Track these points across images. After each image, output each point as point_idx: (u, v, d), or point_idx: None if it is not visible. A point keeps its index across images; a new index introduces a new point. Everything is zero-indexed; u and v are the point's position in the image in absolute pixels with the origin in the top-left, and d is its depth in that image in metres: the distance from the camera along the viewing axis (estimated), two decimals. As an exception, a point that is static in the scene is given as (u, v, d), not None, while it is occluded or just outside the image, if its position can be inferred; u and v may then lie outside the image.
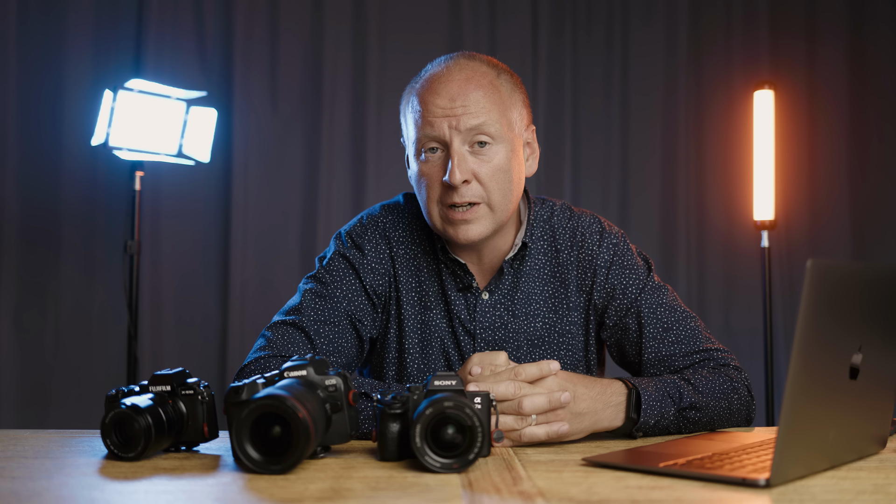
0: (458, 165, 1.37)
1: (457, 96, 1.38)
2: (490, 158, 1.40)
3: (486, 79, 1.42)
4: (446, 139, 1.38)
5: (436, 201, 1.42)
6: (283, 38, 3.48)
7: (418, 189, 1.45)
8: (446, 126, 1.38)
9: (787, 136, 3.49)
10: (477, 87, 1.40)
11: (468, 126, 1.38)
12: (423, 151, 1.41)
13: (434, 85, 1.41)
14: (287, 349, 1.42)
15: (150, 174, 3.09)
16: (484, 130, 1.39)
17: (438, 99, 1.39)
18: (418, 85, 1.44)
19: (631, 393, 1.30)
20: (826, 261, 0.91)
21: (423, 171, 1.42)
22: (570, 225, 1.55)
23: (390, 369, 1.54)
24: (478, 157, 1.40)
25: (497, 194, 1.41)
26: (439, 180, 1.40)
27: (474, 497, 0.90)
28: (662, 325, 1.48)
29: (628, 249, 1.54)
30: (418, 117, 1.41)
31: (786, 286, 3.66)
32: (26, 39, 3.30)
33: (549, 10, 3.63)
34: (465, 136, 1.38)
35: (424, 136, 1.40)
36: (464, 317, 1.51)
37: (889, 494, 0.92)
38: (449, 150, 1.39)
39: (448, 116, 1.38)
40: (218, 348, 3.42)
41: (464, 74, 1.41)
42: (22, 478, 0.99)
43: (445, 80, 1.41)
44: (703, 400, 1.35)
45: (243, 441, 1.00)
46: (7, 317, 3.28)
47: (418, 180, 1.44)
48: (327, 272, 1.50)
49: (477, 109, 1.38)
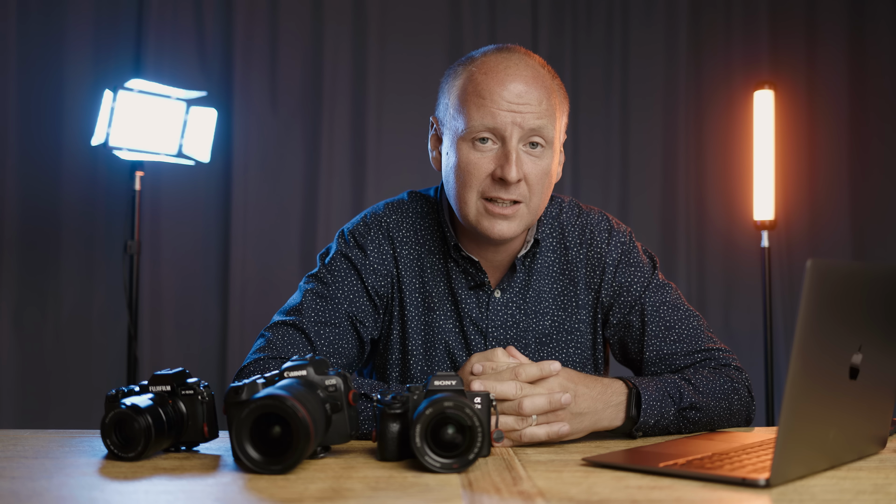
0: (517, 163, 1.35)
1: (524, 93, 1.36)
2: (541, 161, 1.39)
3: (547, 81, 1.40)
4: (506, 134, 1.36)
5: (476, 192, 1.38)
6: (283, 38, 3.48)
7: (456, 176, 1.40)
8: (510, 121, 1.35)
9: (787, 136, 3.48)
10: (542, 88, 1.38)
11: (531, 126, 1.36)
12: (474, 140, 1.38)
13: (499, 74, 1.36)
14: (286, 350, 1.41)
15: (150, 174, 3.09)
16: (542, 133, 1.37)
17: (505, 91, 1.35)
18: (475, 68, 1.39)
19: (631, 392, 1.30)
20: (826, 261, 0.91)
21: (469, 160, 1.38)
22: (580, 222, 1.54)
23: (394, 371, 1.53)
24: (530, 158, 1.38)
25: (537, 197, 1.40)
26: (488, 172, 1.37)
27: (474, 497, 0.90)
28: (665, 323, 1.48)
29: (634, 247, 1.54)
30: (480, 103, 1.36)
31: (786, 286, 3.66)
32: (26, 39, 3.30)
33: (549, 10, 3.63)
34: (524, 135, 1.36)
35: (482, 126, 1.36)
36: (476, 315, 1.50)
37: (889, 494, 0.92)
38: (505, 145, 1.36)
39: (513, 112, 1.35)
40: (218, 348, 3.42)
41: (530, 72, 1.38)
42: (22, 478, 0.99)
43: (513, 73, 1.37)
44: (703, 400, 1.35)
45: (243, 441, 1.00)
46: (7, 317, 3.28)
47: (460, 168, 1.39)
48: (329, 272, 1.49)
49: (540, 111, 1.36)
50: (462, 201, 1.40)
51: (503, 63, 1.38)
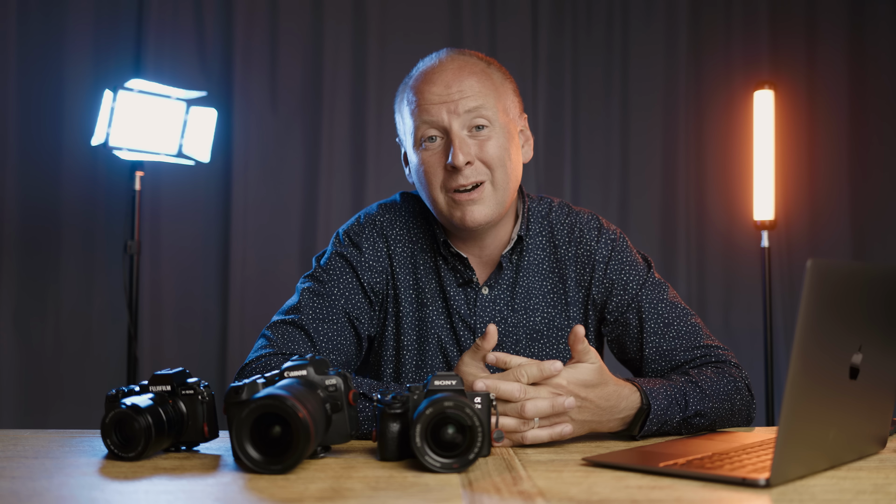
0: (461, 148, 1.40)
1: (452, 83, 1.42)
2: (491, 141, 1.43)
3: (478, 67, 1.46)
4: (445, 125, 1.41)
5: (440, 188, 1.44)
6: (283, 38, 3.48)
7: (420, 180, 1.46)
8: (444, 112, 1.41)
9: (787, 136, 3.49)
10: (470, 73, 1.44)
11: (466, 108, 1.41)
12: (422, 141, 1.44)
13: (428, 76, 1.45)
14: (288, 347, 1.42)
15: (150, 174, 3.09)
16: (481, 114, 1.42)
17: (434, 87, 1.43)
18: (411, 80, 1.48)
19: (641, 409, 1.27)
20: (826, 261, 0.91)
21: (424, 160, 1.44)
22: (569, 221, 1.56)
23: (388, 367, 1.55)
24: (477, 140, 1.42)
25: (500, 173, 1.43)
26: (442, 166, 1.42)
27: (474, 497, 0.90)
28: (663, 320, 1.48)
29: (626, 247, 1.56)
30: (415, 108, 1.44)
31: (786, 286, 3.66)
32: (26, 39, 3.30)
33: (549, 11, 3.63)
34: (463, 120, 1.41)
35: (423, 124, 1.43)
36: (464, 312, 1.51)
37: (889, 494, 0.92)
38: (449, 136, 1.41)
39: (445, 102, 1.41)
40: (218, 348, 3.42)
41: (456, 64, 1.45)
42: (22, 478, 0.99)
43: (439, 70, 1.45)
44: (708, 405, 1.34)
45: (243, 441, 1.00)
46: (7, 317, 3.28)
47: (420, 171, 1.46)
48: (325, 271, 1.51)
49: (473, 93, 1.42)
50: (432, 201, 1.46)
51: (431, 66, 1.47)
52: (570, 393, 1.19)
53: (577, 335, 1.21)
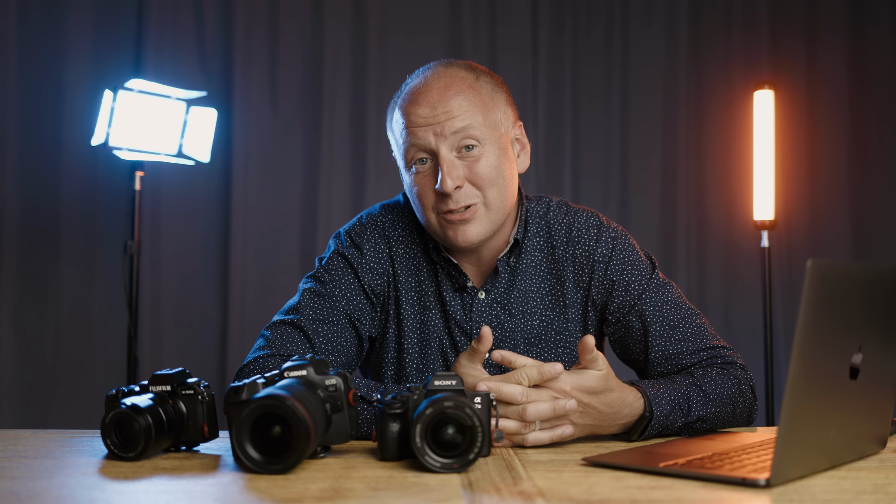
0: (449, 173, 1.37)
1: (437, 104, 1.39)
2: (479, 160, 1.40)
3: (465, 83, 1.42)
4: (433, 147, 1.39)
5: (432, 210, 1.42)
6: (283, 38, 3.48)
7: (413, 200, 1.46)
8: (431, 135, 1.39)
9: (787, 136, 3.49)
10: (456, 92, 1.40)
11: (453, 129, 1.38)
12: (412, 164, 1.42)
13: (414, 97, 1.42)
14: (286, 348, 1.42)
15: (150, 174, 3.09)
16: (469, 134, 1.39)
17: (420, 109, 1.40)
18: (400, 99, 1.45)
19: (643, 417, 1.27)
20: (826, 261, 0.91)
21: (415, 183, 1.43)
22: (566, 221, 1.54)
23: (389, 369, 1.54)
24: (466, 161, 1.40)
25: (493, 192, 1.41)
26: (432, 189, 1.40)
27: (474, 497, 0.90)
28: (669, 322, 1.46)
29: (629, 245, 1.52)
30: (403, 130, 1.42)
31: (786, 286, 3.66)
32: (26, 39, 3.30)
33: (549, 11, 3.63)
34: (451, 142, 1.39)
35: (411, 147, 1.41)
36: (460, 317, 1.50)
37: (889, 494, 0.92)
38: (437, 159, 1.39)
39: (431, 125, 1.38)
40: (218, 348, 3.42)
41: (442, 82, 1.41)
42: (22, 478, 0.99)
43: (424, 90, 1.41)
44: (710, 410, 1.33)
45: (243, 441, 1.00)
46: (7, 317, 3.28)
47: (412, 192, 1.44)
48: (326, 271, 1.50)
49: (460, 113, 1.39)
50: (426, 221, 1.45)
51: (417, 85, 1.43)
52: (574, 398, 1.19)
53: (587, 346, 1.19)
